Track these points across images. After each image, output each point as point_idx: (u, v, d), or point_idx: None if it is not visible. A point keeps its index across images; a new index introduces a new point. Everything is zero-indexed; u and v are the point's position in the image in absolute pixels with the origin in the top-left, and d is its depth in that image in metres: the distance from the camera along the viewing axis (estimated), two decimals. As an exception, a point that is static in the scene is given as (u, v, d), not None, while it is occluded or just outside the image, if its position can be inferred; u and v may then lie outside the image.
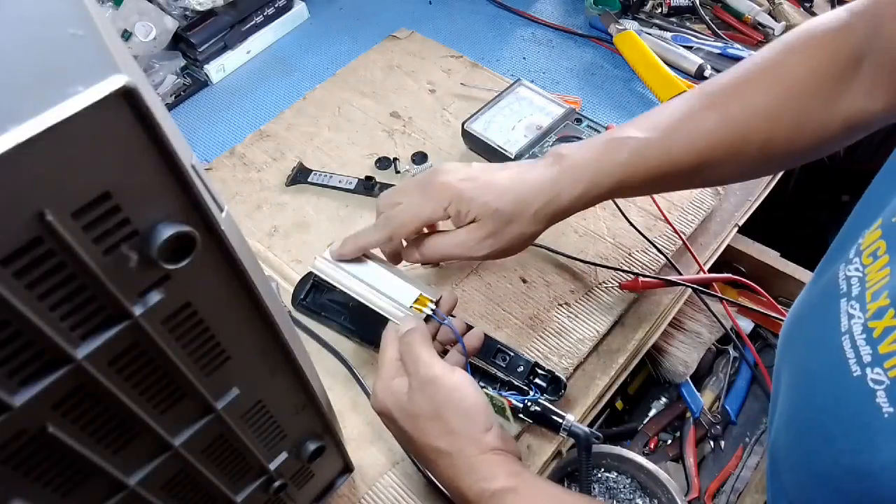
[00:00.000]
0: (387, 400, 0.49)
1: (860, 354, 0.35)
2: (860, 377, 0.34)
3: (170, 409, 0.31)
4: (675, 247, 0.70)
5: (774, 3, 0.92)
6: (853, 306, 0.37)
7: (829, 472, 0.37)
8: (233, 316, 0.31)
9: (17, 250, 0.21)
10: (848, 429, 0.35)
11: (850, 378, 0.35)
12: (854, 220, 0.43)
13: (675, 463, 0.84)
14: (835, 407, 0.37)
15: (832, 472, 0.37)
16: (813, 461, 0.39)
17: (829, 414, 0.37)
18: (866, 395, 0.33)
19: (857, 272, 0.38)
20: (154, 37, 0.85)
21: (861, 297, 0.37)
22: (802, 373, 0.42)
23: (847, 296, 0.38)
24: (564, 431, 0.55)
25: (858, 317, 0.36)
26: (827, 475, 0.37)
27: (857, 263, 0.38)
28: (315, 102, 0.88)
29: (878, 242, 0.37)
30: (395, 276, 0.56)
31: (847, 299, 0.38)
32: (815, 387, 0.40)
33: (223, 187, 0.78)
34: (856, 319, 0.36)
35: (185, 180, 0.24)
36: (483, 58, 0.92)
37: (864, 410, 0.34)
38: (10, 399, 0.23)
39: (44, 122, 0.19)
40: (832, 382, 0.37)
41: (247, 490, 0.41)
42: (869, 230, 0.39)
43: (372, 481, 0.57)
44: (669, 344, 0.81)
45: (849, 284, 0.38)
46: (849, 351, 0.36)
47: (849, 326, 0.37)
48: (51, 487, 0.28)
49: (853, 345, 0.36)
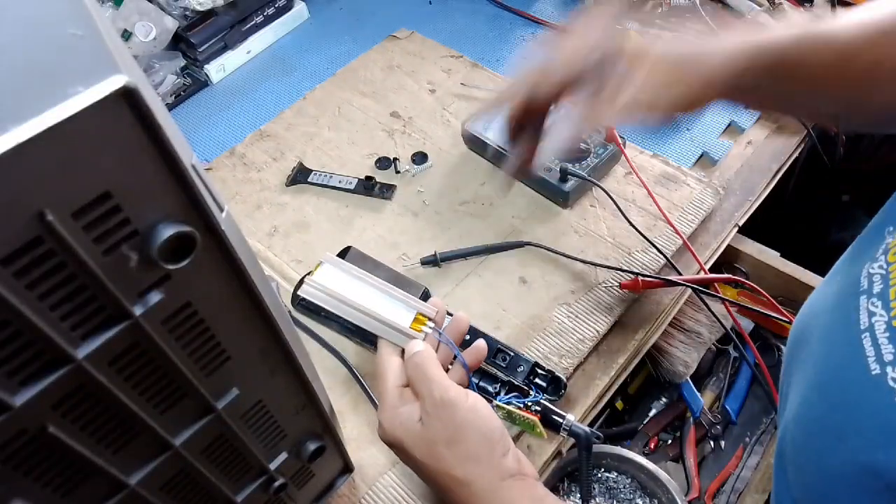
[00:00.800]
0: (396, 430, 0.46)
1: (881, 353, 0.34)
2: (879, 375, 0.34)
3: (170, 409, 0.31)
4: (675, 247, 0.70)
5: (774, 3, 0.92)
6: (874, 304, 0.37)
7: (841, 471, 0.37)
8: (233, 316, 0.31)
9: (18, 250, 0.21)
10: (864, 427, 0.35)
11: (869, 376, 0.35)
12: (879, 219, 0.43)
13: (675, 463, 0.84)
14: (851, 405, 0.36)
15: (845, 471, 0.36)
16: (824, 459, 0.39)
17: (844, 412, 0.37)
18: (885, 394, 0.33)
19: (881, 269, 0.37)
20: (154, 37, 0.85)
21: (884, 294, 0.36)
22: (816, 370, 0.41)
23: (868, 293, 0.38)
24: (565, 431, 0.55)
25: (881, 314, 0.36)
26: (839, 474, 0.37)
27: (882, 261, 0.38)
28: (315, 102, 0.88)
29: None
30: (388, 295, 0.53)
31: (868, 296, 0.37)
32: (830, 384, 0.39)
33: (223, 187, 0.78)
34: (878, 317, 0.36)
35: (185, 180, 0.24)
36: (483, 58, 0.92)
37: (882, 409, 0.33)
38: (10, 399, 0.23)
39: (44, 122, 0.19)
40: (848, 380, 0.37)
41: (247, 490, 0.41)
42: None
43: (372, 481, 0.57)
44: (669, 344, 0.81)
45: (870, 282, 0.38)
46: (869, 349, 0.35)
47: (870, 324, 0.36)
48: (51, 487, 0.28)
49: (874, 342, 0.35)
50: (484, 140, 0.76)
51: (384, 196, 0.76)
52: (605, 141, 0.75)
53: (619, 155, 0.76)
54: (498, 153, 0.75)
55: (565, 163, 0.72)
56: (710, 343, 0.83)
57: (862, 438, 0.35)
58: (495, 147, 0.75)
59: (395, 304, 0.52)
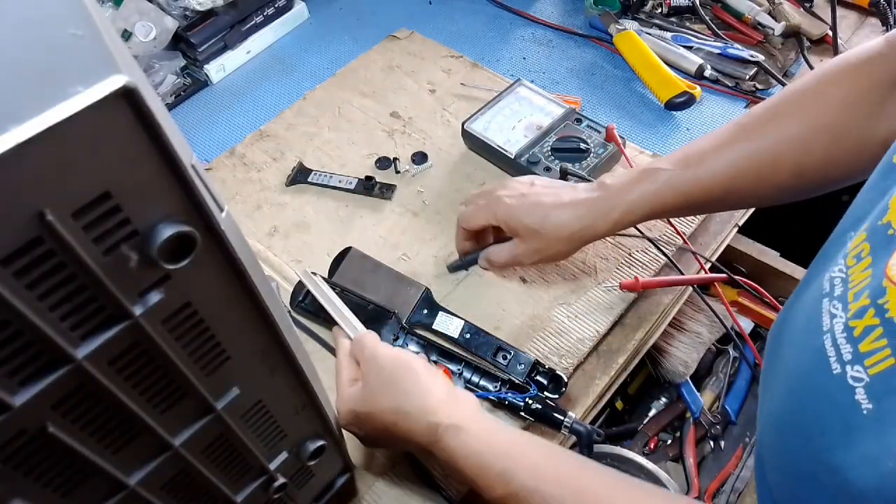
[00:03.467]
0: (346, 404, 0.50)
1: (840, 353, 0.36)
2: (840, 375, 0.35)
3: (170, 409, 0.31)
4: (676, 247, 0.70)
5: (774, 3, 0.92)
6: (835, 306, 0.38)
7: (809, 471, 0.37)
8: (233, 316, 0.31)
9: (17, 250, 0.21)
10: (827, 426, 0.36)
11: (831, 376, 0.36)
12: (842, 225, 0.44)
13: (675, 463, 0.84)
14: (816, 405, 0.37)
15: (813, 471, 0.37)
16: (795, 460, 0.39)
17: (811, 412, 0.38)
18: (846, 393, 0.34)
19: (841, 273, 0.39)
20: (154, 37, 0.85)
21: (843, 297, 0.37)
22: (787, 373, 0.42)
23: (830, 296, 0.39)
24: (566, 429, 0.55)
25: (840, 316, 0.37)
26: (808, 473, 0.38)
27: (842, 265, 0.39)
28: (315, 102, 0.88)
29: (863, 245, 0.38)
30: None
31: (829, 299, 0.39)
32: (799, 386, 0.40)
33: (223, 187, 0.78)
34: (837, 319, 0.37)
35: (185, 180, 0.24)
36: (483, 58, 0.92)
37: (843, 408, 0.34)
38: (10, 399, 0.23)
39: (44, 122, 0.19)
40: (813, 381, 0.38)
41: (247, 490, 0.41)
42: (856, 233, 0.39)
43: (372, 481, 0.57)
44: (669, 344, 0.81)
45: (832, 285, 0.39)
46: (830, 349, 0.36)
47: (830, 326, 0.37)
48: (51, 487, 0.28)
49: (834, 343, 0.36)
50: (484, 140, 0.76)
51: (384, 196, 0.76)
52: (604, 141, 0.75)
53: (619, 155, 0.76)
54: (498, 153, 0.75)
55: (565, 163, 0.72)
56: (710, 343, 0.84)
57: (825, 438, 0.36)
58: (495, 147, 0.75)
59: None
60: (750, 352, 0.86)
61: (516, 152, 0.74)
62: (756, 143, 0.54)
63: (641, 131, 0.83)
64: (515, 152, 0.74)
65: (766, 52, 0.88)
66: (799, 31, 0.90)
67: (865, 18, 0.96)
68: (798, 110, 0.54)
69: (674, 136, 0.82)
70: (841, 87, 0.52)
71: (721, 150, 0.55)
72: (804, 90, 0.54)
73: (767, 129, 0.54)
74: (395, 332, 0.62)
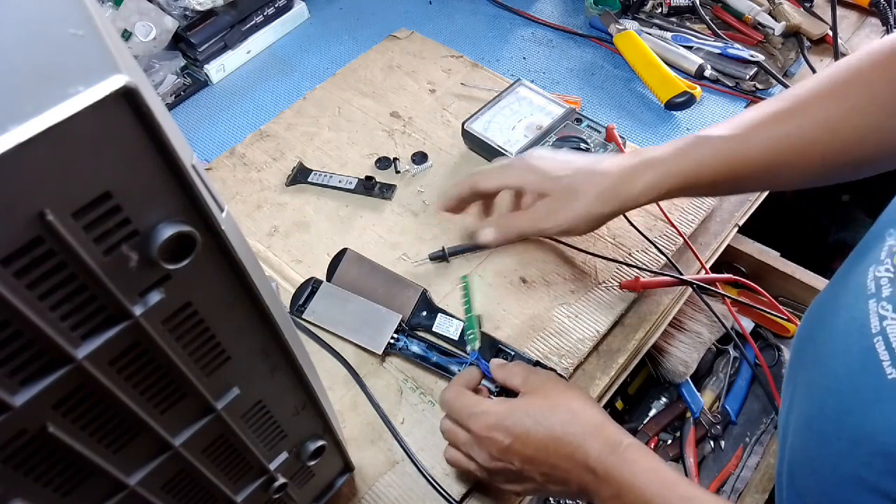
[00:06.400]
0: (492, 418, 0.49)
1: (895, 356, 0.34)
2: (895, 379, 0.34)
3: (170, 409, 0.31)
4: (676, 246, 0.70)
5: (774, 3, 0.92)
6: (884, 307, 0.36)
7: (859, 475, 0.36)
8: (233, 316, 0.31)
9: (18, 250, 0.21)
10: (881, 430, 0.35)
11: (885, 380, 0.34)
12: (883, 220, 0.42)
13: (675, 463, 0.84)
14: (866, 410, 0.36)
15: (863, 475, 0.36)
16: (840, 464, 0.38)
17: (860, 416, 0.37)
18: None
19: (888, 273, 0.37)
20: (154, 37, 0.85)
21: (894, 298, 0.36)
22: (826, 376, 0.41)
23: (877, 297, 0.37)
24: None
25: (892, 318, 0.35)
26: (858, 478, 0.36)
27: (889, 264, 0.38)
28: (315, 102, 0.88)
29: None
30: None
31: (877, 300, 0.37)
32: (842, 389, 0.39)
33: (223, 187, 0.78)
34: (889, 321, 0.36)
35: (185, 180, 0.24)
36: (483, 58, 0.92)
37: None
38: (10, 399, 0.23)
39: (44, 122, 0.19)
40: (862, 385, 0.37)
41: (247, 490, 0.41)
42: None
43: (372, 481, 0.57)
44: (669, 344, 0.82)
45: (878, 285, 0.38)
46: (883, 353, 0.35)
47: (881, 328, 0.36)
48: (51, 487, 0.28)
49: (888, 346, 0.35)
50: (484, 140, 0.76)
51: (384, 196, 0.76)
52: (605, 141, 0.75)
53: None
54: (498, 153, 0.75)
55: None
56: (710, 343, 0.84)
57: (876, 443, 0.35)
58: (495, 147, 0.75)
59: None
60: (751, 351, 0.86)
61: (516, 152, 0.74)
62: (794, 122, 0.51)
63: (641, 131, 0.83)
64: (515, 152, 0.74)
65: (766, 52, 0.88)
66: (799, 31, 0.90)
67: (865, 18, 0.96)
68: (834, 93, 0.51)
69: (674, 136, 0.82)
70: (882, 73, 0.49)
71: (767, 123, 0.53)
72: (846, 72, 0.51)
73: (805, 110, 0.52)
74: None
